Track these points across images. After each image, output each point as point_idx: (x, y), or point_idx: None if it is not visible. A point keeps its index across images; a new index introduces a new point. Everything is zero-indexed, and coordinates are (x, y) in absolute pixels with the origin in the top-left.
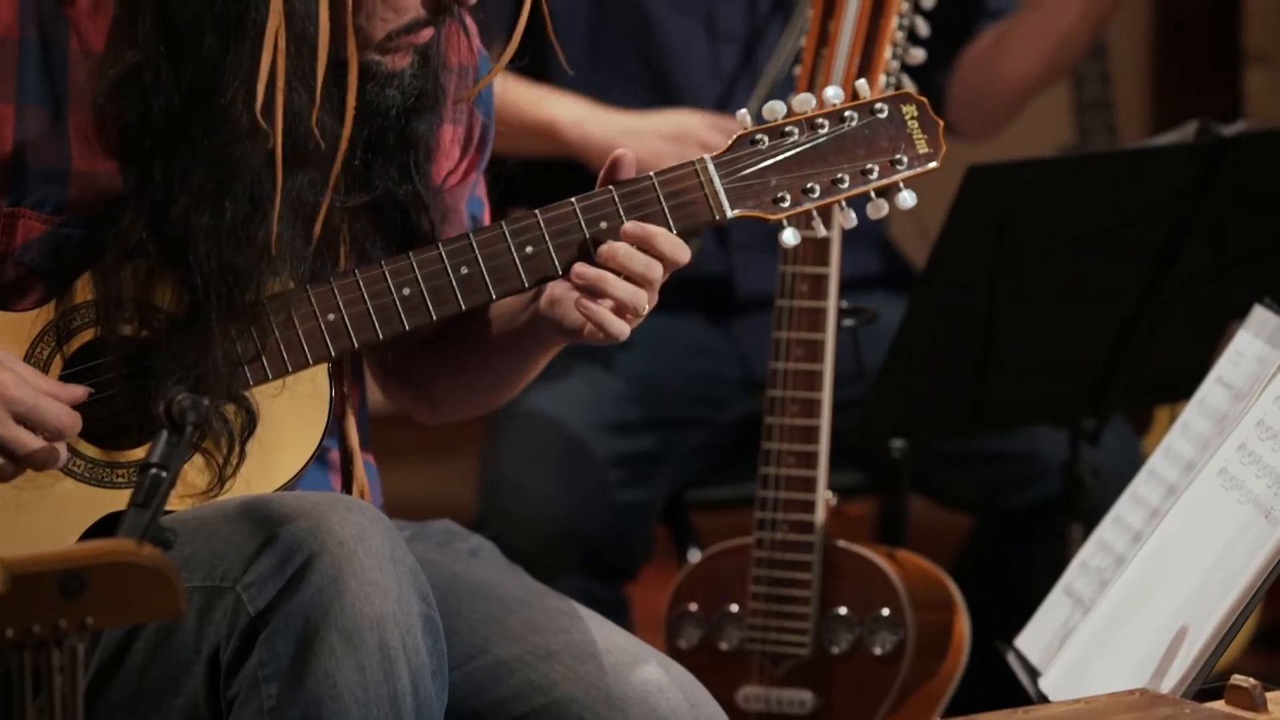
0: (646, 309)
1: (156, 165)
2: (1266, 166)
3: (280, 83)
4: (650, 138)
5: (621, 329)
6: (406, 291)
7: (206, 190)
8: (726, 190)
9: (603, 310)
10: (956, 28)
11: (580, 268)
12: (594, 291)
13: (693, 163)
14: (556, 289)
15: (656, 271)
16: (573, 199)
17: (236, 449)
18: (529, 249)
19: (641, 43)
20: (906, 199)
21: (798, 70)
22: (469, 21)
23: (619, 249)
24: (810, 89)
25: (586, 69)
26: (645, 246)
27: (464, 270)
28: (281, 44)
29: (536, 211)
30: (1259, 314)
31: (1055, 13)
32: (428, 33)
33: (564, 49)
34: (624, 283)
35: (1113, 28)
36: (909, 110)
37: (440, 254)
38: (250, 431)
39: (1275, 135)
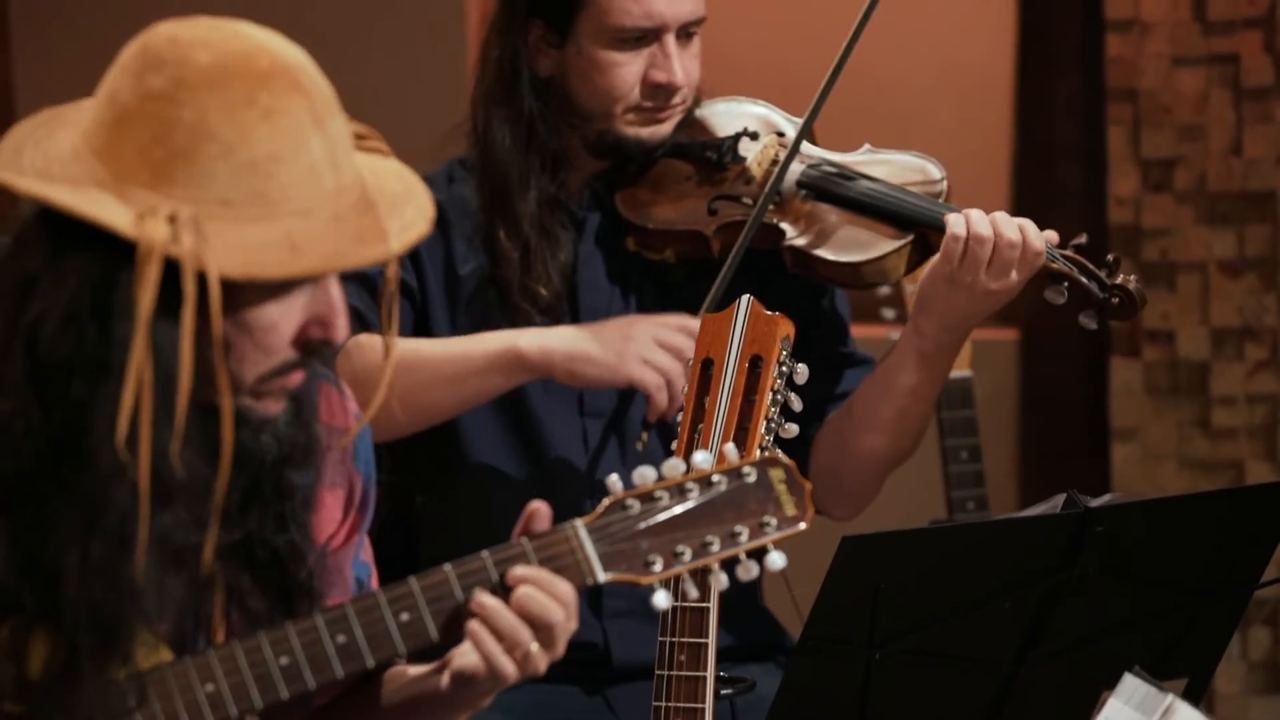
0: (534, 648)
1: (29, 509)
2: (1133, 538)
3: (145, 419)
4: (607, 340)
5: (507, 670)
6: (285, 660)
7: (75, 530)
8: (598, 554)
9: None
10: (822, 400)
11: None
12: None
13: (564, 527)
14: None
15: (525, 635)
16: (448, 565)
17: None
18: (405, 616)
19: (510, 409)
20: (776, 560)
21: (673, 445)
22: (344, 384)
23: (489, 608)
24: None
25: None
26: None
27: (340, 639)
28: (147, 380)
29: (413, 578)
30: (1129, 682)
31: (891, 381)
32: (298, 376)
33: None
34: (495, 642)
35: (981, 404)
36: (777, 474)
37: (318, 623)
38: None
39: (1141, 506)
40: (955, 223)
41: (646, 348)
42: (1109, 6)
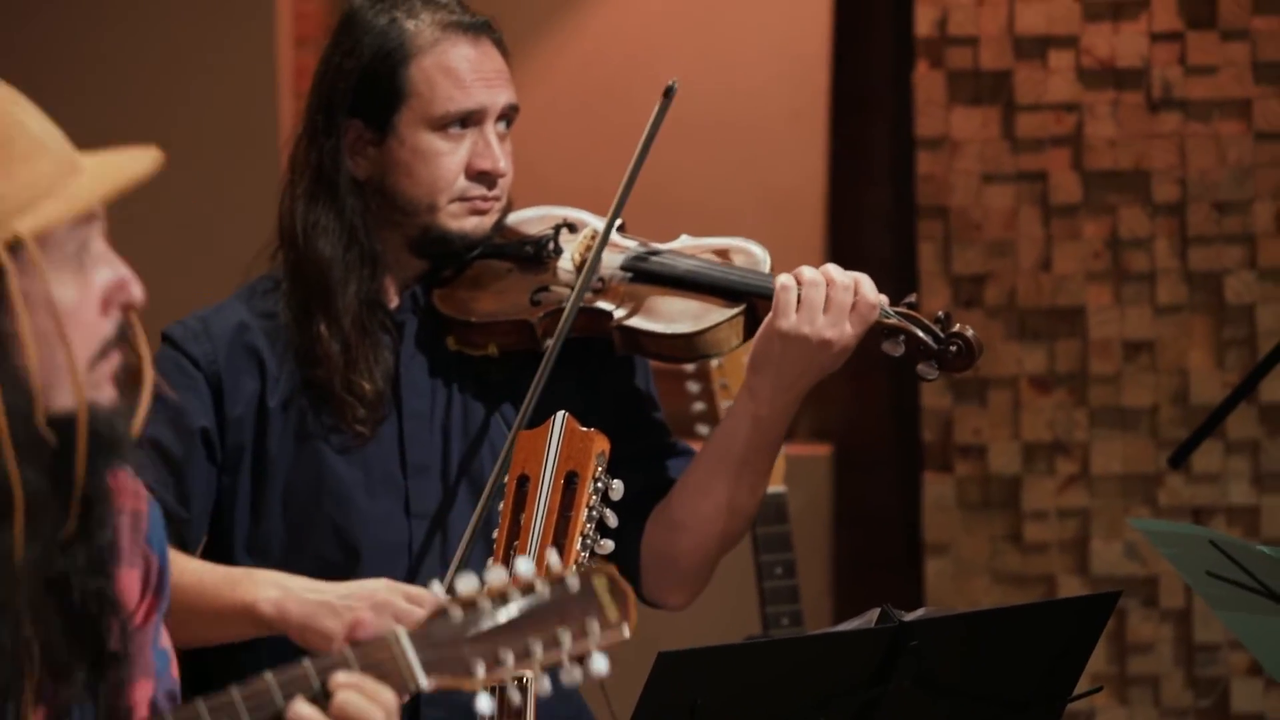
0: None
1: None
2: (947, 651)
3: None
4: (346, 610)
5: None
6: None
7: None
8: (420, 661)
9: None
10: (646, 491)
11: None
12: None
13: (386, 634)
14: None
15: None
16: (269, 672)
17: None
18: None
19: (336, 514)
20: (599, 665)
21: (490, 560)
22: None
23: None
24: None
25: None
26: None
27: None
28: None
29: (234, 687)
30: None
31: (725, 452)
32: (117, 356)
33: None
34: None
35: (795, 519)
36: (599, 581)
37: None
38: None
39: (955, 620)
40: (785, 278)
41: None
42: (919, 124)
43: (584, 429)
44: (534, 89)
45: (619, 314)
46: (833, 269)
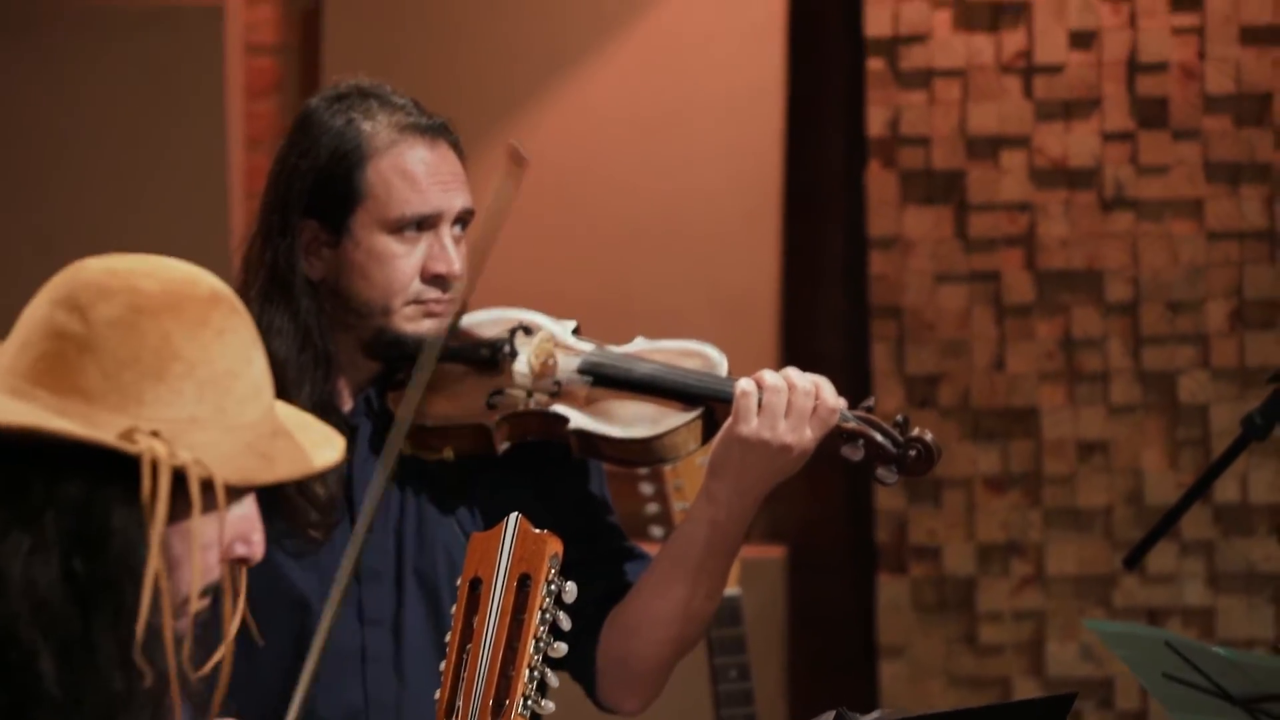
0: None
1: None
2: None
3: (168, 632)
4: None
5: None
6: None
7: None
8: None
9: None
10: (602, 596)
11: None
12: None
13: None
14: None
15: None
16: None
17: None
18: None
19: (291, 619)
20: None
21: (442, 665)
22: None
23: None
24: (455, 682)
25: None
26: None
27: None
28: (165, 587)
29: None
30: None
31: (682, 556)
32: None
33: None
34: None
35: (749, 621)
36: None
37: None
38: None
39: None
40: (745, 383)
41: None
42: (872, 224)
43: (537, 531)
44: (488, 192)
45: (576, 419)
46: (793, 373)
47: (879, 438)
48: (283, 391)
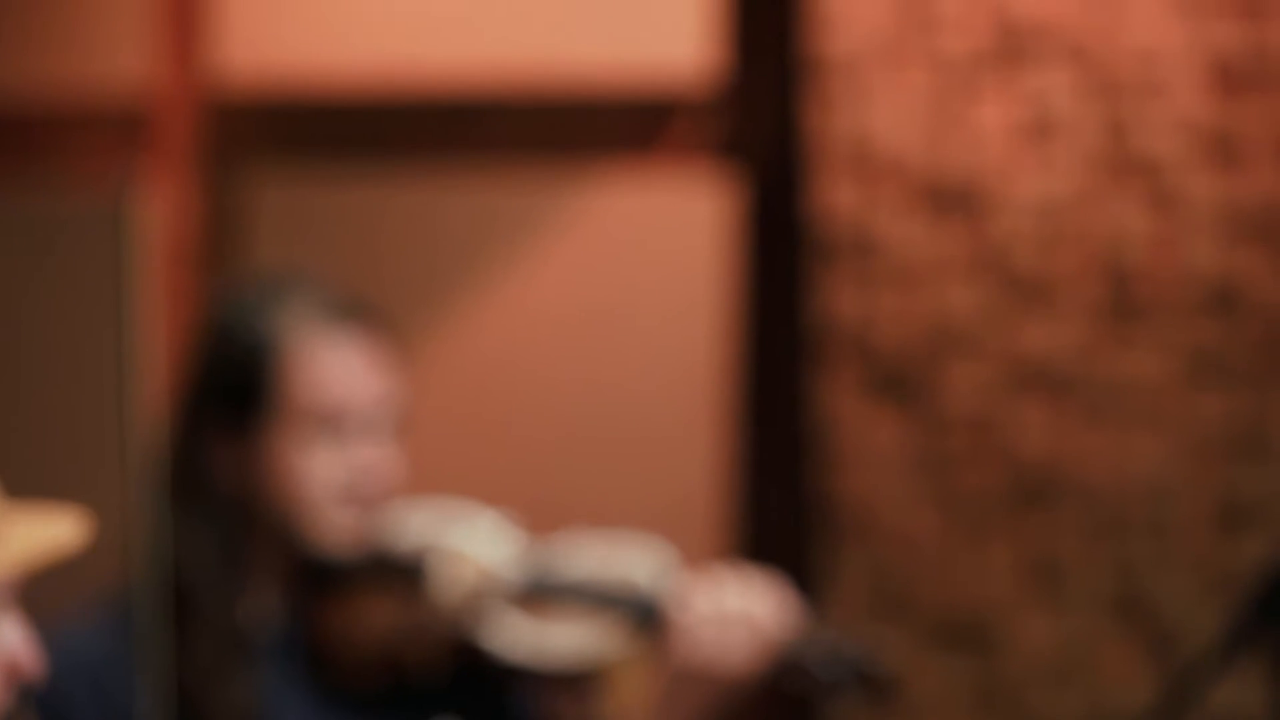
0: None
1: None
2: None
3: None
4: None
5: None
6: None
7: None
8: None
9: None
10: None
11: None
12: None
13: None
14: None
15: None
16: None
17: None
18: None
19: None
20: None
21: None
22: None
23: None
24: None
25: None
26: None
27: None
28: None
29: None
30: None
31: None
32: None
33: None
34: None
35: None
36: None
37: None
38: None
39: None
40: (677, 604)
41: None
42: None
43: None
44: (416, 389)
45: (503, 646)
46: (733, 598)
47: (823, 675)
48: (191, 606)
